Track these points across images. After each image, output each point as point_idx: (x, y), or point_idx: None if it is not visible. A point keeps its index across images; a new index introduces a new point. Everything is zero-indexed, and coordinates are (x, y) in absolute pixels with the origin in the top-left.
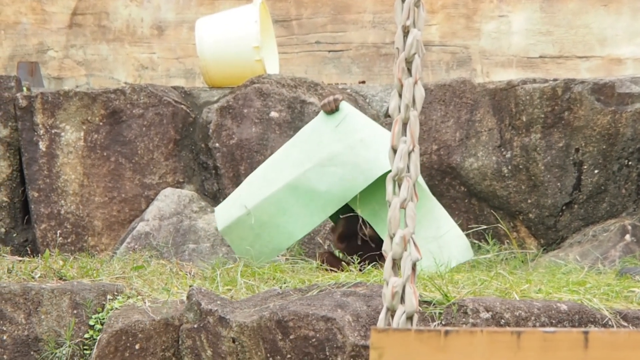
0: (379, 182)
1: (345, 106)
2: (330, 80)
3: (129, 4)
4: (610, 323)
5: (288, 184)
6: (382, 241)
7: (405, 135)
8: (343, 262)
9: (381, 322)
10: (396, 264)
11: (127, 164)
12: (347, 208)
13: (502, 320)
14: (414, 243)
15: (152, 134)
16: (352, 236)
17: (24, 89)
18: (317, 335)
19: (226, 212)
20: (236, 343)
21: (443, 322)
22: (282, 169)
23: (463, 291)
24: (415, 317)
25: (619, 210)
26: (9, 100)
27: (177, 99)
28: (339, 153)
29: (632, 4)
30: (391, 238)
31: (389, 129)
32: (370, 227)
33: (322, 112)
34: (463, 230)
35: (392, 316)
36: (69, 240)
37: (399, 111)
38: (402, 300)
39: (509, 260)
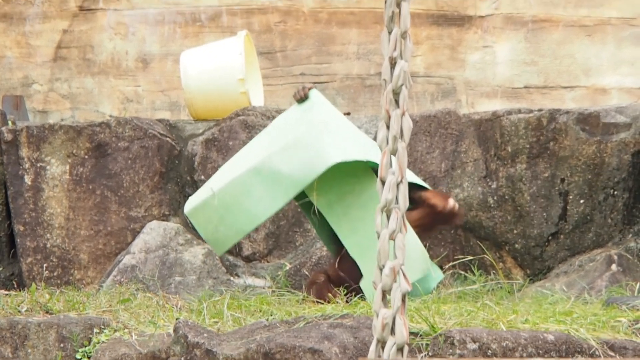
0: (340, 174)
1: (315, 94)
2: None
3: (114, 37)
4: (597, 353)
5: (253, 167)
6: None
7: (393, 167)
8: (329, 294)
9: (372, 353)
10: (386, 296)
11: (112, 197)
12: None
13: (489, 351)
14: (404, 274)
15: (137, 166)
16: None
17: (9, 122)
18: None
19: (195, 197)
20: None
21: (430, 354)
22: (250, 154)
23: (450, 322)
24: (406, 349)
25: (605, 240)
26: None
27: (162, 132)
28: (302, 136)
29: (616, 34)
30: (381, 269)
31: (377, 162)
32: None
33: (295, 103)
34: (449, 261)
35: (383, 348)
36: (55, 273)
37: (387, 142)
38: (393, 331)
39: (496, 291)
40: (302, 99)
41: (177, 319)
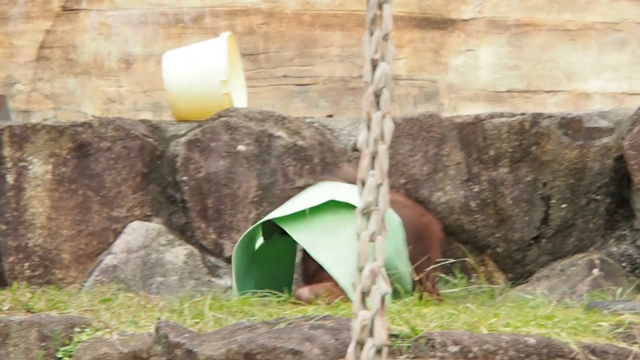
0: (323, 212)
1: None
2: (297, 114)
3: (97, 37)
4: (578, 357)
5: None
6: None
7: (374, 169)
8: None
9: (350, 355)
10: (365, 297)
11: (94, 197)
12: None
13: (470, 354)
14: (383, 276)
15: (119, 167)
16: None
17: None
18: None
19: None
20: None
21: (411, 356)
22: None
23: (431, 324)
24: (385, 350)
25: (586, 245)
26: None
27: (144, 133)
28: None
29: (599, 39)
30: (360, 271)
31: (357, 162)
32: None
33: None
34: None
35: (361, 349)
36: (36, 273)
37: (368, 145)
38: (371, 333)
39: (477, 295)
40: None
41: (158, 319)
